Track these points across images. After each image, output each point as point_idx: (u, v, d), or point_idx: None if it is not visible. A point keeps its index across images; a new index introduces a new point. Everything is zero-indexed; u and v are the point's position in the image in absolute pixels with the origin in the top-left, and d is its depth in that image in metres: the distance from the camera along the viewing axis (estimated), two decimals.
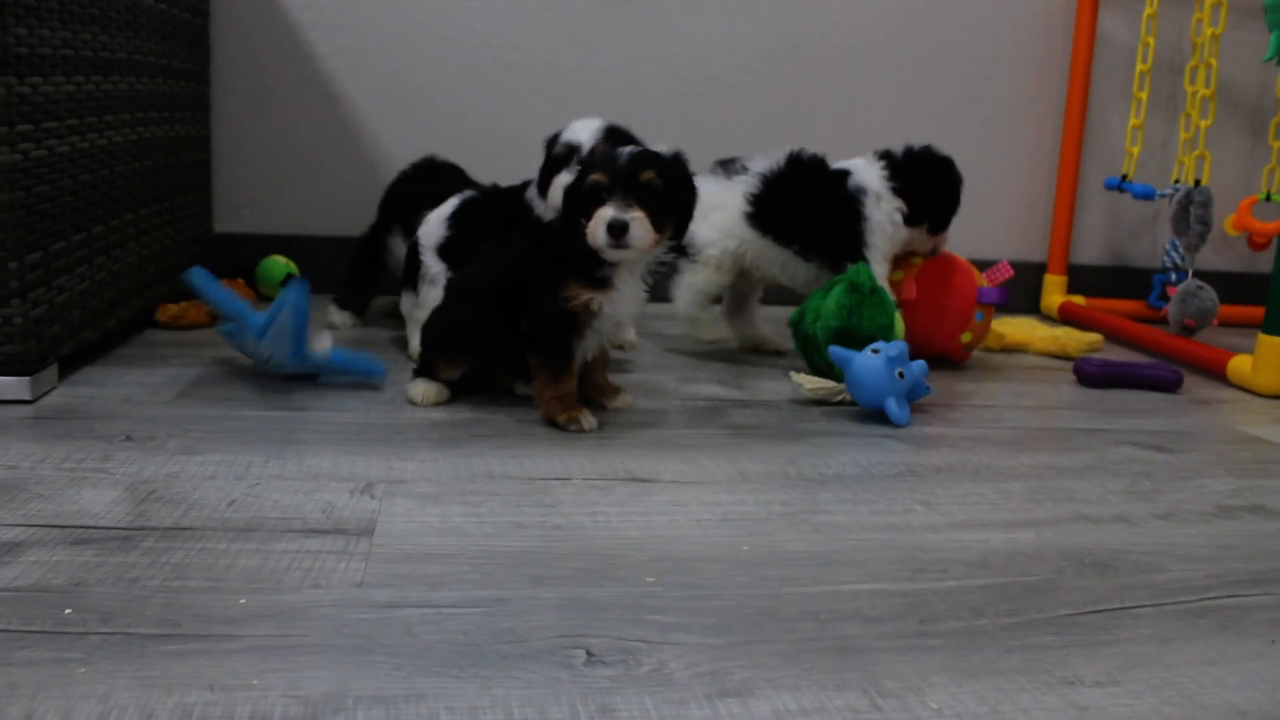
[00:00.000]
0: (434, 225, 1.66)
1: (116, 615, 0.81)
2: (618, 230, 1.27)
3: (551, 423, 1.37)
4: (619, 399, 1.47)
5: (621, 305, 1.37)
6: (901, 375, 1.44)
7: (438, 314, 1.48)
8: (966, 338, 1.82)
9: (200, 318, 1.84)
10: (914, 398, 1.49)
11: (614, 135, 1.58)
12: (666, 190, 1.31)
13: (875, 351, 1.45)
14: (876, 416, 1.47)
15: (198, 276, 1.53)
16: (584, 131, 1.57)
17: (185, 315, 1.82)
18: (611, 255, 1.31)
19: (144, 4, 1.70)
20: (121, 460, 1.15)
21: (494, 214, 1.64)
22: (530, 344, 1.37)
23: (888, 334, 1.56)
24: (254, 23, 2.17)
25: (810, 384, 1.52)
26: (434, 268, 1.63)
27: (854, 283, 1.58)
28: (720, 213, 1.76)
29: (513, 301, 1.38)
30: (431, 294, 1.60)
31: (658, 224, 1.31)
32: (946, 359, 1.85)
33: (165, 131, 1.83)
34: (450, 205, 1.67)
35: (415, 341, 1.63)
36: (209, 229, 2.16)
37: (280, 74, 2.20)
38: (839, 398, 1.53)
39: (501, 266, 1.42)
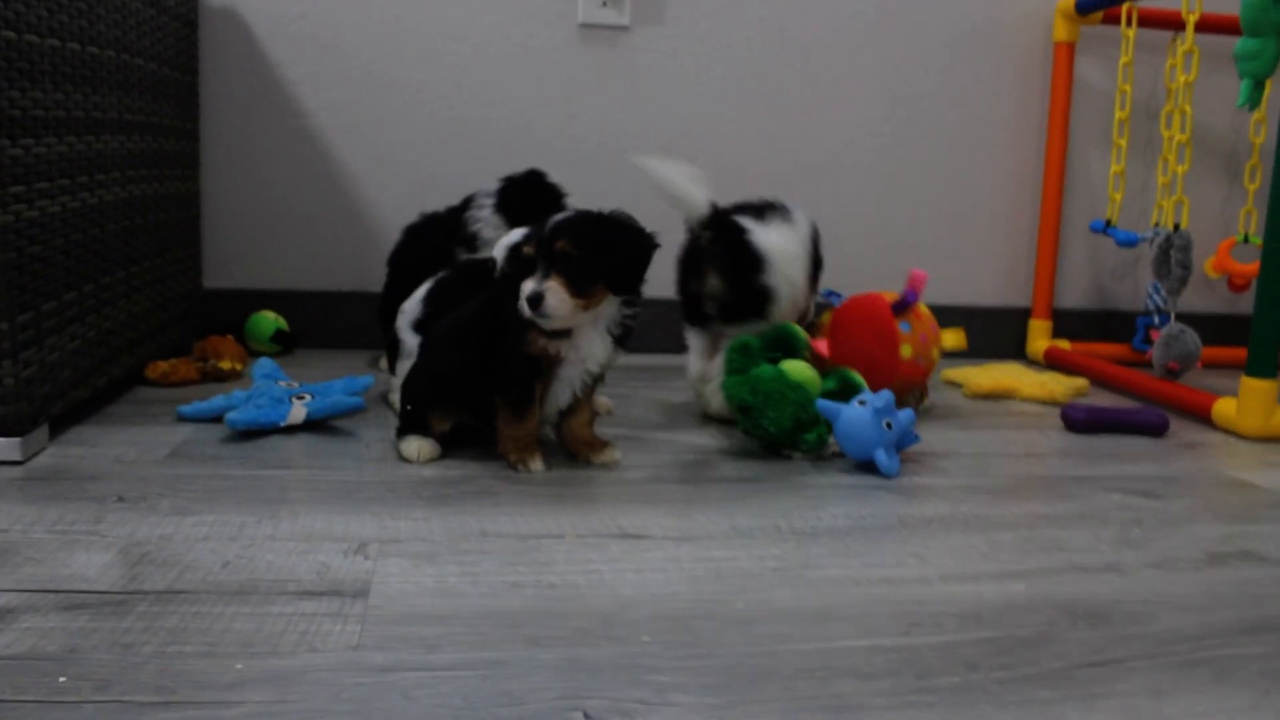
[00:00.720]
0: (412, 304, 1.70)
1: (112, 683, 0.81)
2: (534, 301, 1.33)
3: (506, 461, 1.42)
4: (605, 454, 1.47)
5: (586, 353, 1.40)
6: (889, 425, 1.45)
7: (419, 366, 1.50)
8: (907, 351, 1.77)
9: (190, 374, 1.84)
10: (903, 447, 1.50)
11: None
12: (581, 255, 1.34)
13: (862, 403, 1.46)
14: (866, 467, 1.48)
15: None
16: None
17: (175, 372, 1.82)
18: (540, 324, 1.35)
19: (134, 64, 1.72)
20: (114, 522, 1.15)
21: (468, 289, 1.65)
22: (496, 383, 1.41)
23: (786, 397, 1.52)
24: (242, 80, 2.19)
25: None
26: (410, 344, 1.67)
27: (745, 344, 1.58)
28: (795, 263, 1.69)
29: (487, 347, 1.41)
30: (407, 367, 1.63)
31: (578, 289, 1.34)
32: (919, 390, 1.86)
33: (155, 189, 1.85)
34: (426, 286, 1.71)
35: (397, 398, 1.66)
36: (198, 285, 2.17)
37: (268, 130, 2.22)
38: (830, 451, 1.54)
39: (478, 309, 1.46)
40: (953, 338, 1.90)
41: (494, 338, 1.41)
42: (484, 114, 2.28)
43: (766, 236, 1.66)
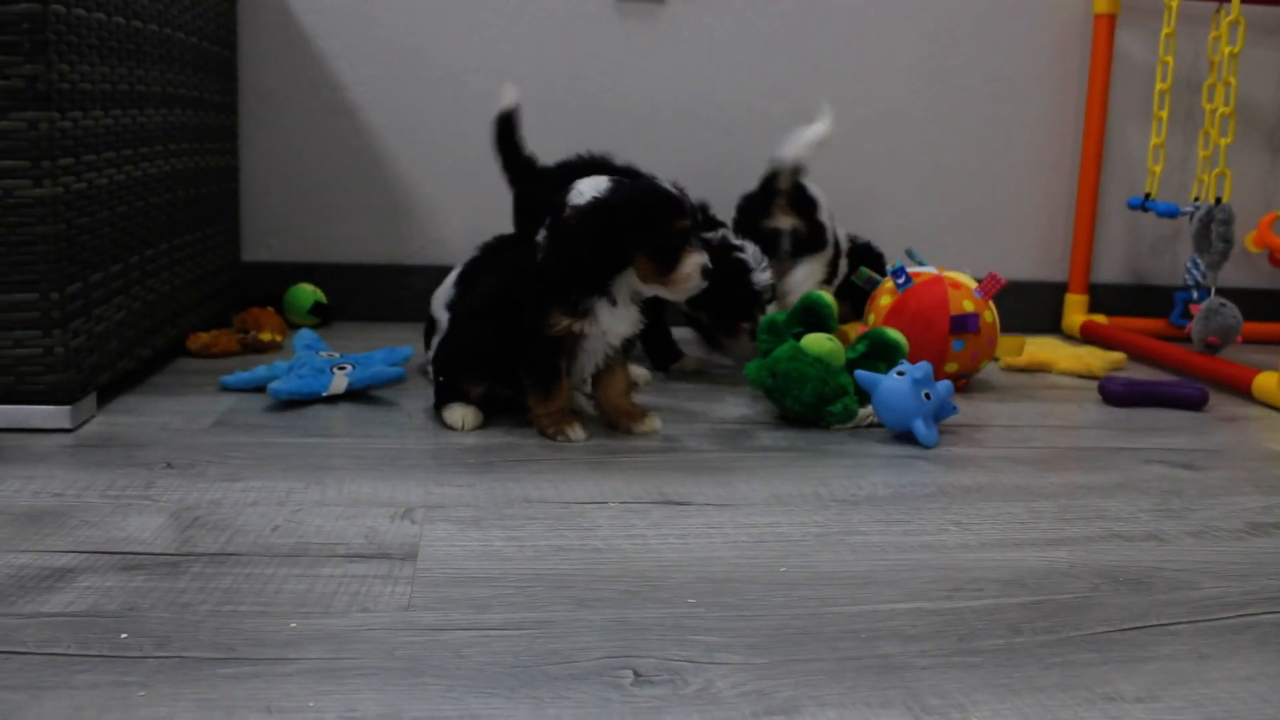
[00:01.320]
0: (445, 287, 1.73)
1: (171, 639, 0.83)
2: (708, 273, 1.40)
3: (544, 435, 1.43)
4: (645, 422, 1.48)
5: (608, 325, 1.41)
6: (928, 396, 1.45)
7: (447, 338, 1.52)
8: (953, 367, 1.76)
9: (231, 346, 1.86)
10: (940, 418, 1.50)
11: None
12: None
13: (900, 374, 1.46)
14: (904, 438, 1.49)
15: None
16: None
17: (216, 343, 1.84)
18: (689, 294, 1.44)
19: (175, 38, 1.73)
20: (164, 488, 1.17)
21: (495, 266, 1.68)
22: (521, 363, 1.43)
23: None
24: (279, 54, 2.21)
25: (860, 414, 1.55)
26: (444, 322, 1.68)
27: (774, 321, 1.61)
28: None
29: (507, 321, 1.42)
30: None
31: None
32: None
33: (196, 162, 1.87)
34: (457, 269, 1.73)
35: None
36: (237, 258, 2.19)
37: (305, 104, 2.24)
38: (868, 421, 1.54)
39: (494, 288, 1.47)
40: (1008, 349, 1.92)
41: (512, 314, 1.42)
42: (519, 86, 2.28)
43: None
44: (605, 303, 1.40)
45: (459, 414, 1.46)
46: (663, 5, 2.29)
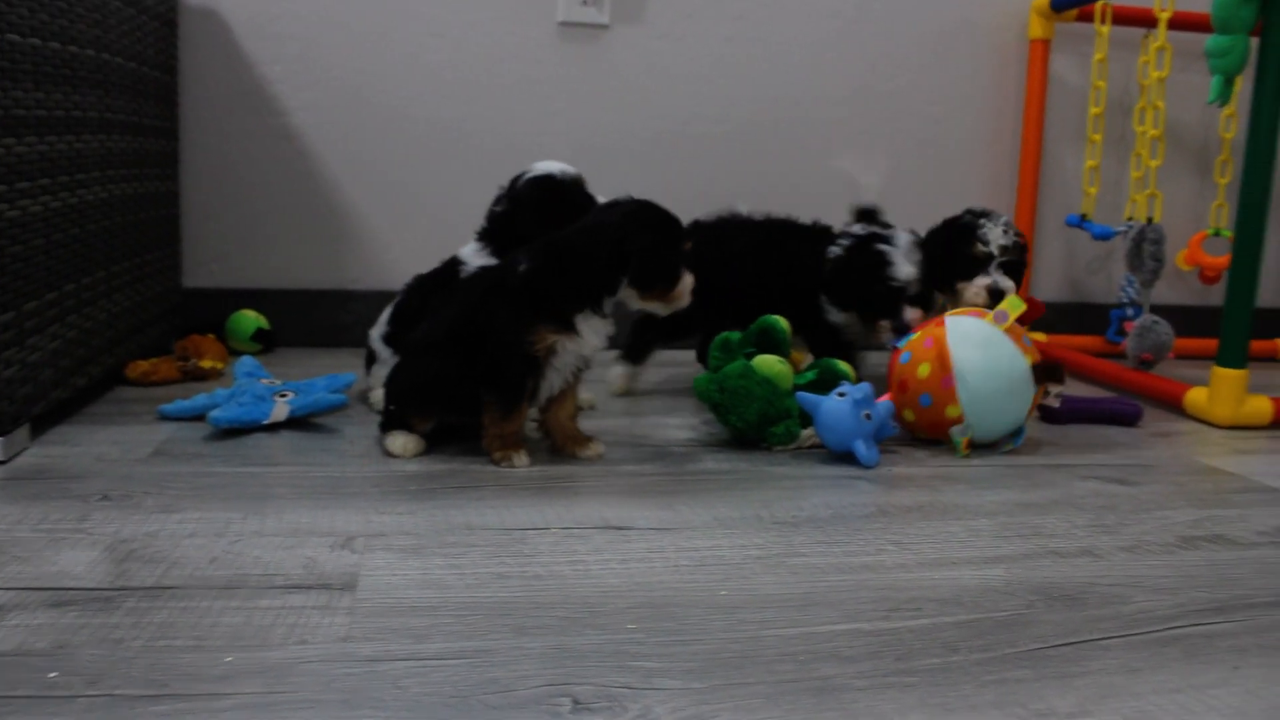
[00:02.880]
0: (381, 319, 1.75)
1: (103, 677, 0.81)
2: None
3: (490, 457, 1.43)
4: (590, 448, 1.49)
5: (584, 345, 1.42)
6: (868, 417, 1.47)
7: (401, 371, 1.50)
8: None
9: (171, 373, 1.84)
10: (881, 438, 1.52)
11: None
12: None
13: (841, 395, 1.48)
14: (845, 458, 1.50)
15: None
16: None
17: (155, 372, 1.82)
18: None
19: (113, 63, 1.72)
20: (99, 520, 1.16)
21: (425, 300, 1.70)
22: (484, 381, 1.41)
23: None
24: (221, 79, 2.19)
25: (803, 436, 1.56)
26: (382, 352, 1.72)
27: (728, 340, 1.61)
28: None
29: (472, 350, 1.41)
30: (381, 373, 1.68)
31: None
32: None
33: (135, 188, 1.85)
34: (390, 306, 1.75)
35: (377, 394, 1.69)
36: (178, 284, 2.17)
37: (248, 130, 2.22)
38: (809, 442, 1.55)
39: (456, 317, 1.45)
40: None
41: (477, 341, 1.41)
42: (463, 111, 2.28)
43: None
44: (590, 316, 1.41)
45: (399, 442, 1.45)
46: (606, 29, 2.31)
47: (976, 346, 1.53)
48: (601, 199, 1.62)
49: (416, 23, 2.24)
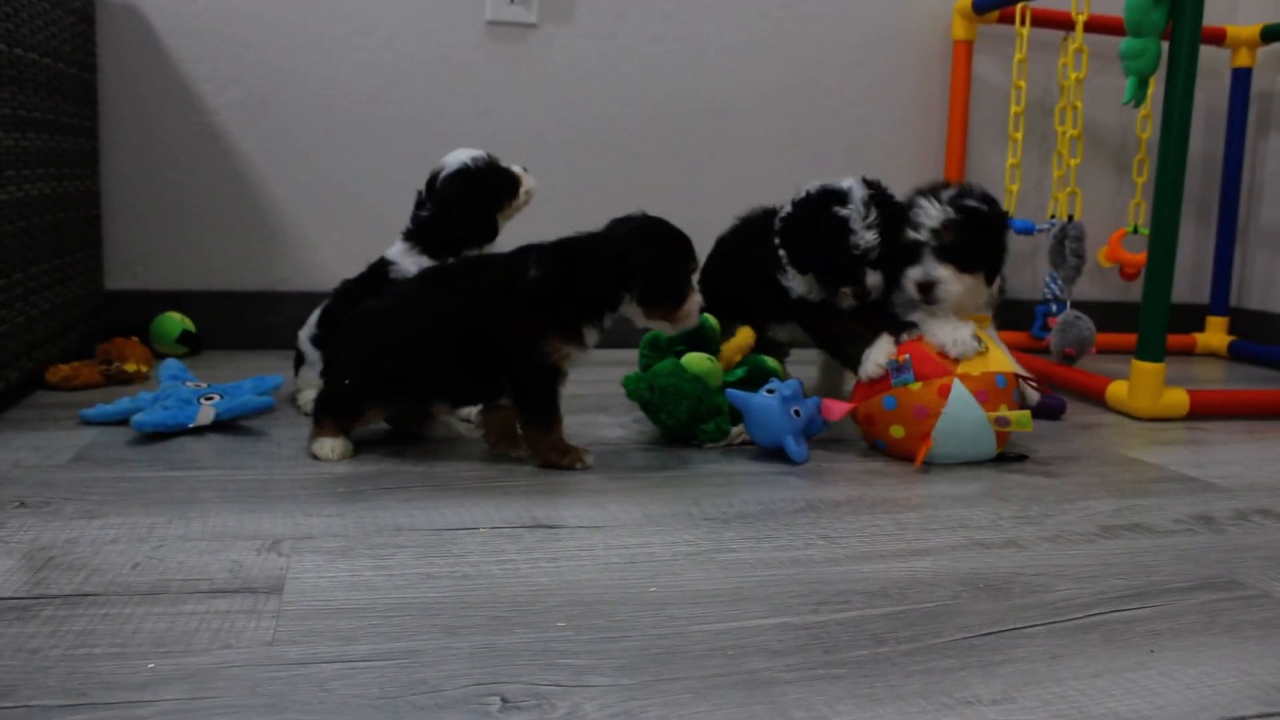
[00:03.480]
0: (310, 320, 1.73)
1: (17, 688, 0.79)
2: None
3: (554, 467, 1.43)
4: (524, 448, 1.48)
5: (588, 355, 1.43)
6: (798, 413, 1.48)
7: (364, 352, 1.44)
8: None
9: (93, 377, 1.80)
10: (810, 434, 1.53)
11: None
12: None
13: (771, 391, 1.49)
14: (776, 455, 1.51)
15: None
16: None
17: (77, 375, 1.78)
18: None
19: (27, 58, 1.67)
20: (16, 528, 1.13)
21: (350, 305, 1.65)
22: (516, 402, 1.41)
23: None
24: (143, 77, 2.15)
25: (732, 434, 1.57)
26: (310, 354, 1.71)
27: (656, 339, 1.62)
28: None
29: (469, 345, 1.39)
30: (309, 375, 1.68)
31: None
32: None
33: (53, 188, 1.80)
34: (320, 307, 1.74)
35: (306, 396, 1.68)
36: (100, 287, 2.12)
37: (171, 128, 2.18)
38: (739, 439, 1.56)
39: (458, 310, 1.40)
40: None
41: (480, 338, 1.39)
42: (391, 110, 2.26)
43: None
44: (592, 328, 1.41)
45: (329, 445, 1.43)
46: (534, 29, 2.30)
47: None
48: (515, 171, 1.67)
49: (344, 20, 2.22)
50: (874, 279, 1.59)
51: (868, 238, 1.55)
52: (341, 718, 0.76)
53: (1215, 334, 2.76)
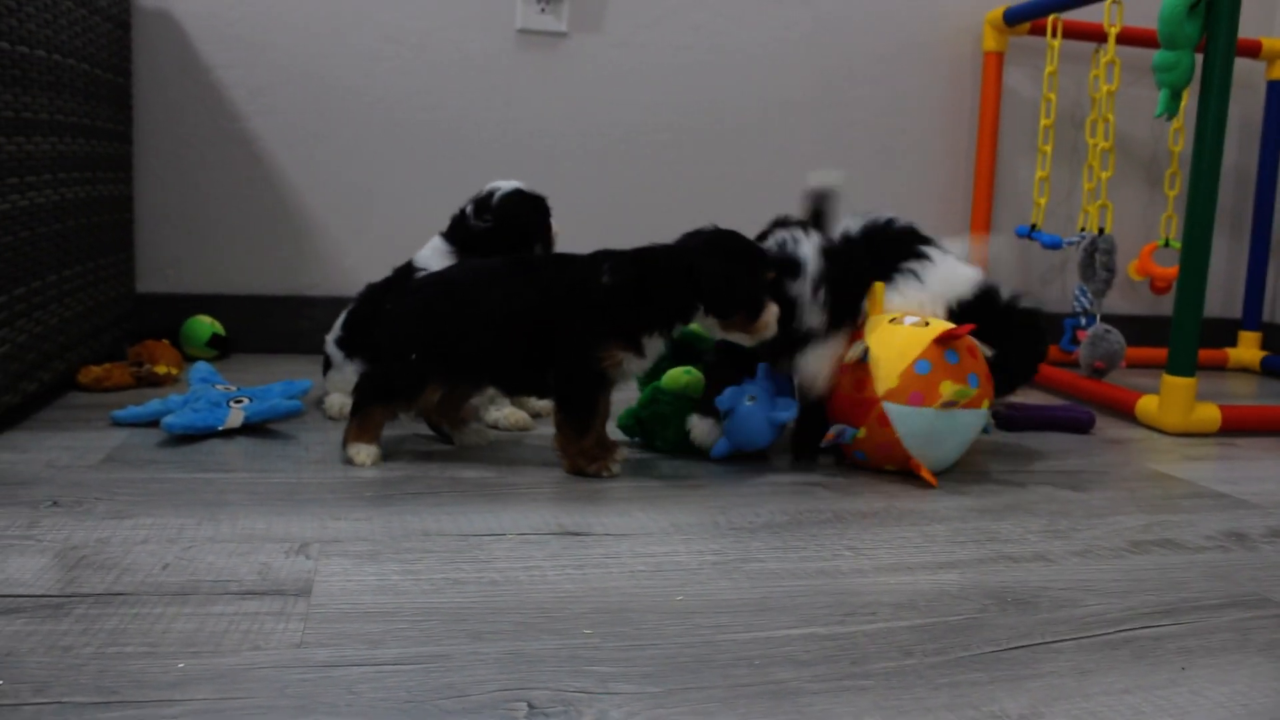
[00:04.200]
0: (337, 325, 1.76)
1: (50, 685, 0.80)
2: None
3: (580, 473, 1.43)
4: (617, 453, 1.47)
5: (645, 364, 1.44)
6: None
7: (420, 312, 1.44)
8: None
9: (124, 379, 1.82)
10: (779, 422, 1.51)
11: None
12: None
13: (752, 399, 1.48)
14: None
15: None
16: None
17: (109, 377, 1.80)
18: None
19: (65, 64, 1.70)
20: (49, 526, 1.14)
21: (376, 309, 1.68)
22: (556, 401, 1.43)
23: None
24: (176, 82, 2.17)
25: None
26: (336, 356, 1.73)
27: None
28: None
29: (531, 335, 1.40)
30: (336, 378, 1.71)
31: None
32: None
33: (88, 192, 1.82)
34: (346, 310, 1.76)
35: (333, 400, 1.72)
36: (132, 289, 2.14)
37: (203, 133, 2.20)
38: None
39: (530, 301, 1.41)
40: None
41: (544, 330, 1.40)
42: (421, 118, 2.28)
43: None
44: (656, 338, 1.41)
45: (365, 452, 1.44)
46: (565, 38, 2.31)
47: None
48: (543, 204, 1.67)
49: (375, 28, 2.23)
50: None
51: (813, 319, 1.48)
52: None
53: (1248, 349, 2.73)
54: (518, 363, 1.43)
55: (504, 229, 1.65)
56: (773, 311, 1.42)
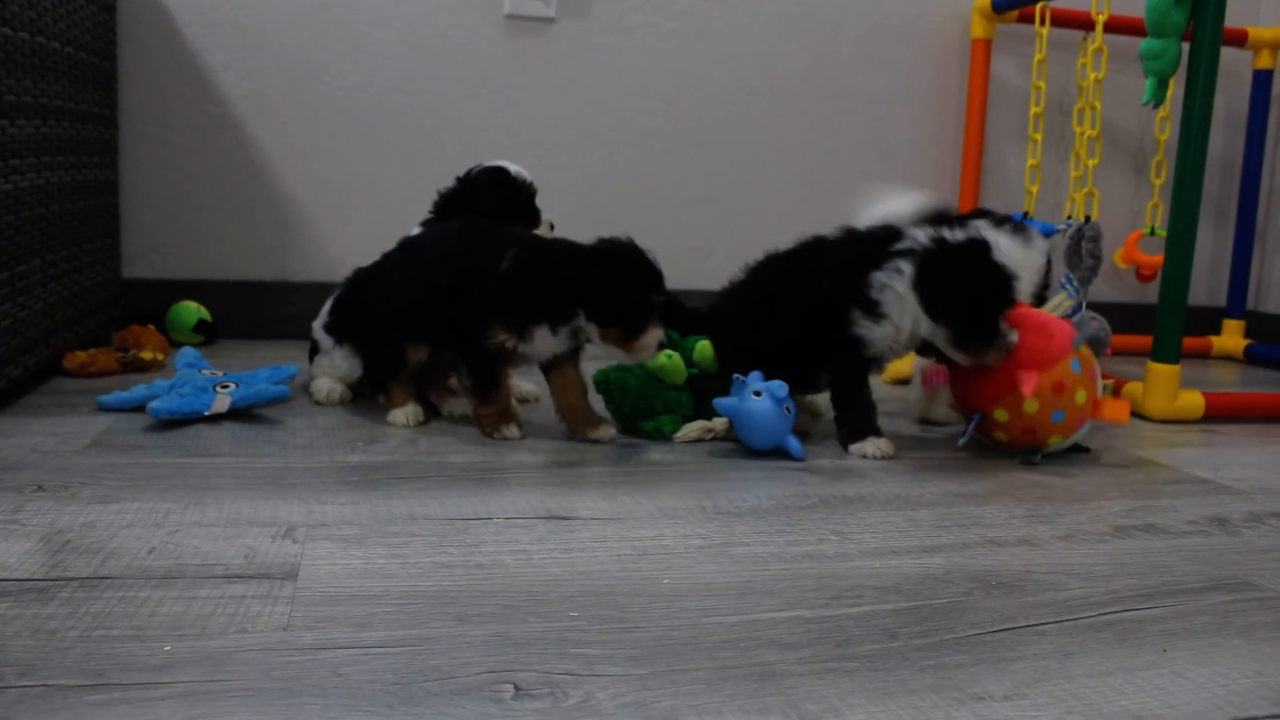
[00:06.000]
0: (324, 310, 1.77)
1: (36, 667, 0.80)
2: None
3: (484, 434, 1.52)
4: (601, 430, 1.52)
5: (540, 347, 1.47)
6: (789, 410, 1.48)
7: (378, 291, 1.61)
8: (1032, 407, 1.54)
9: (110, 364, 1.81)
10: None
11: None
12: None
13: (758, 394, 1.47)
14: (784, 454, 1.51)
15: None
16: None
17: (94, 362, 1.79)
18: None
19: (49, 47, 1.68)
20: (34, 511, 1.14)
21: (361, 294, 1.72)
22: (463, 368, 1.51)
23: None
24: (162, 66, 2.16)
25: (681, 431, 1.56)
26: (324, 342, 1.73)
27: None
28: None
29: (450, 306, 1.49)
30: (323, 363, 1.73)
31: None
32: None
33: (72, 176, 1.81)
34: (333, 295, 1.77)
35: (319, 385, 1.72)
36: (117, 275, 2.13)
37: (189, 118, 2.19)
38: (710, 435, 1.56)
39: (445, 272, 1.51)
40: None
41: (450, 294, 1.49)
42: (408, 103, 2.27)
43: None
44: (546, 330, 1.45)
45: (402, 414, 1.56)
46: (552, 23, 2.31)
47: None
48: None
49: (362, 13, 2.22)
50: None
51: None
52: (355, 702, 0.77)
53: (1232, 337, 2.75)
54: (443, 330, 1.52)
55: (470, 196, 1.70)
56: (654, 335, 1.43)
